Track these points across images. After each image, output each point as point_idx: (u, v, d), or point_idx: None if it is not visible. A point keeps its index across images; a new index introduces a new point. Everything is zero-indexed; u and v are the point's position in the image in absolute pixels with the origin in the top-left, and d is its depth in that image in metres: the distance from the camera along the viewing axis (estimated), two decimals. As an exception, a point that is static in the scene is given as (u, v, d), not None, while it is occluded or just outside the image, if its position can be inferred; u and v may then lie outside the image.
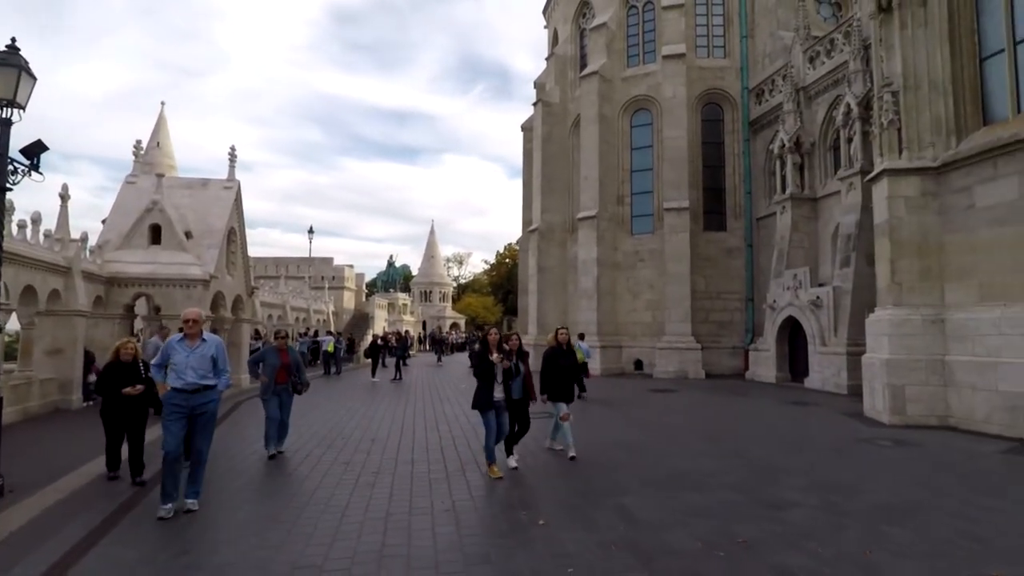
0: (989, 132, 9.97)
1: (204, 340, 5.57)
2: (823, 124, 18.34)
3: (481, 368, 6.72)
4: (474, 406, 6.82)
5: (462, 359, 32.29)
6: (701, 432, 9.98)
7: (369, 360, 22.24)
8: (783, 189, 19.00)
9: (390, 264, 58.36)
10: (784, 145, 18.74)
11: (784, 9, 21.26)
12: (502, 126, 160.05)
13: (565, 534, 4.83)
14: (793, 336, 17.69)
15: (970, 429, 9.61)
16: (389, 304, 47.53)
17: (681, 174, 21.16)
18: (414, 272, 68.81)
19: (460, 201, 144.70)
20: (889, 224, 10.86)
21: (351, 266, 47.22)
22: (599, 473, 6.88)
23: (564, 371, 7.80)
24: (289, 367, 8.03)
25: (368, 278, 68.61)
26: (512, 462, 6.99)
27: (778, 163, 19.33)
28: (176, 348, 5.47)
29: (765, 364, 18.56)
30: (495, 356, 6.65)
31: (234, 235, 16.60)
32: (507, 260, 69.19)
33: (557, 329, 8.30)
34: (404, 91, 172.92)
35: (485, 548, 4.56)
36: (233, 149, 16.64)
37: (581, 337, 19.57)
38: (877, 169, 11.29)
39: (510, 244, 68.18)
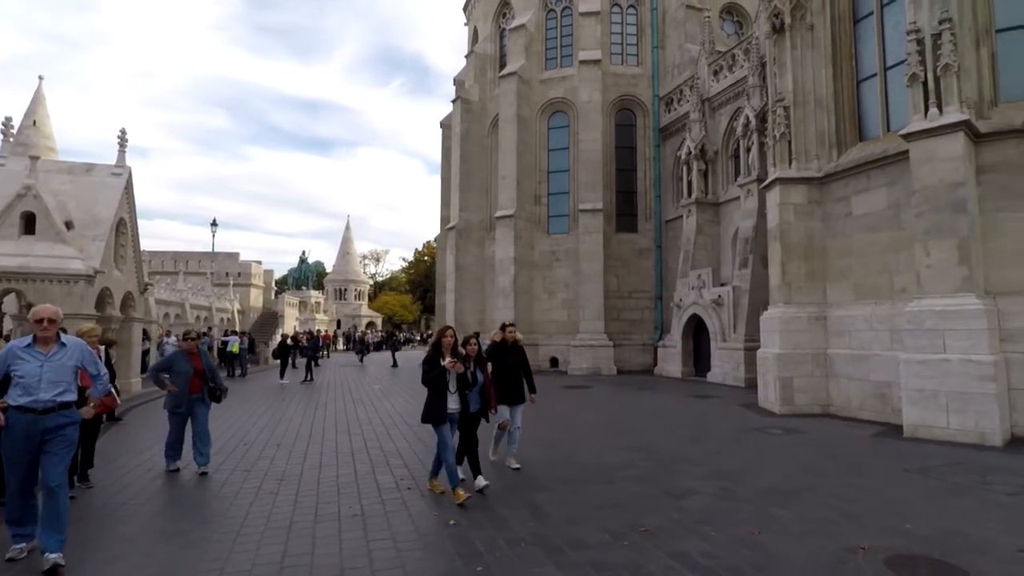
0: (864, 147, 11.00)
1: (63, 345, 4.42)
2: (725, 134, 19.51)
3: (431, 375, 5.75)
4: (424, 419, 5.90)
5: (379, 358, 31.60)
6: (611, 427, 10.33)
7: (278, 361, 21.26)
8: (689, 194, 20.04)
9: (302, 260, 55.97)
10: (690, 152, 19.78)
11: (692, 23, 22.40)
12: (421, 121, 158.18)
13: (476, 533, 4.85)
14: (698, 333, 18.71)
15: (847, 416, 10.57)
16: (300, 302, 45.68)
17: (596, 176, 21.80)
18: (328, 269, 66.56)
19: (377, 196, 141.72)
20: (780, 229, 11.72)
21: (259, 262, 45.00)
22: (511, 471, 6.95)
23: (511, 369, 7.09)
24: (203, 373, 7.12)
25: (278, 275, 65.79)
26: (480, 482, 6.03)
27: (685, 169, 20.36)
28: (22, 355, 4.26)
29: (672, 360, 19.50)
30: (447, 360, 5.73)
31: (124, 226, 15.30)
32: (425, 258, 68.42)
33: (504, 324, 7.47)
34: (318, 80, 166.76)
35: (393, 553, 4.48)
36: (123, 132, 15.35)
37: (477, 336, 20.09)
38: (771, 177, 12.16)
39: (429, 242, 67.51)
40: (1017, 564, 4.11)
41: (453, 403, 5.86)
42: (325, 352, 37.39)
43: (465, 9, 29.34)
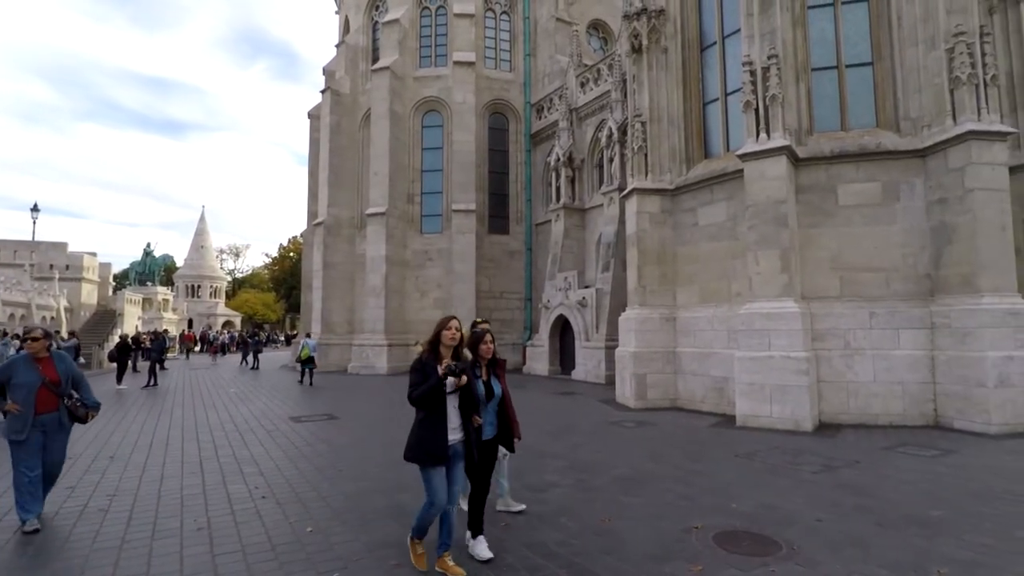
0: (708, 164, 12.19)
1: None
2: (591, 143, 20.62)
3: (424, 388, 3.95)
4: (410, 456, 4.01)
5: (236, 360, 29.32)
6: (479, 425, 10.47)
7: (115, 365, 18.97)
8: (557, 199, 20.90)
9: (147, 253, 50.37)
10: (559, 159, 20.65)
11: (561, 36, 23.43)
12: (288, 109, 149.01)
13: (336, 539, 4.71)
14: (564, 333, 19.56)
15: (692, 408, 11.63)
16: (145, 299, 41.21)
17: (469, 177, 22.02)
18: (179, 263, 60.63)
19: (238, 187, 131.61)
20: (637, 235, 12.62)
21: (93, 254, 39.75)
22: (375, 473, 6.81)
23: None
24: (59, 385, 5.24)
25: (119, 268, 58.85)
26: (482, 550, 4.29)
27: (554, 175, 21.22)
28: None
29: (540, 359, 20.20)
30: (443, 366, 3.97)
31: (-91, 208, 12.80)
32: (291, 254, 64.73)
33: (476, 321, 5.18)
34: (168, 56, 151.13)
35: (243, 566, 4.20)
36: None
37: (308, 335, 20.10)
38: (629, 187, 13.04)
39: (295, 237, 63.98)
40: (815, 531, 4.80)
41: (455, 431, 4.08)
42: (186, 354, 34.41)
43: (337, -4, 28.19)
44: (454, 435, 4.04)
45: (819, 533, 4.73)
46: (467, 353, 4.32)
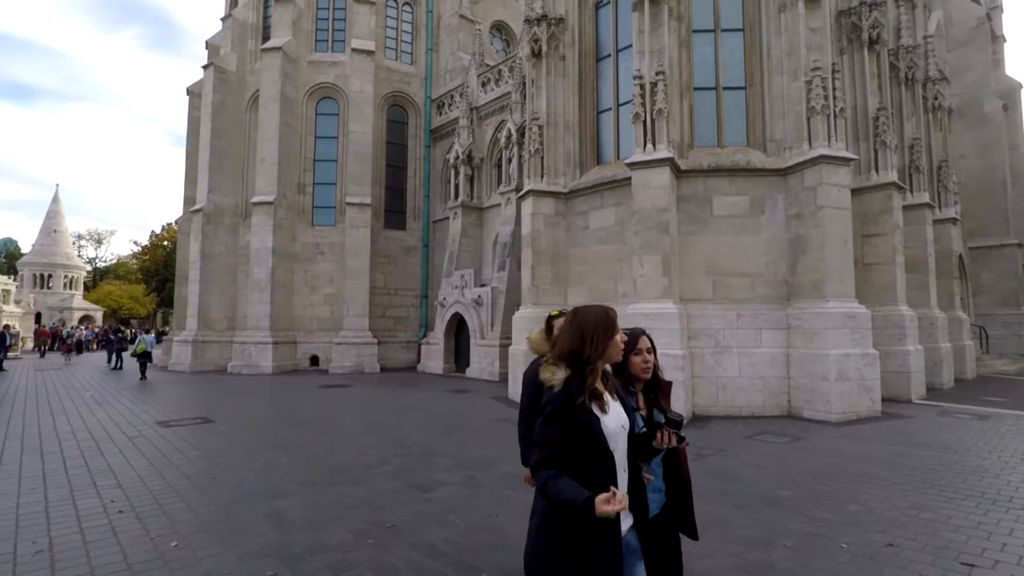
0: (600, 170, 12.71)
1: None
2: (491, 143, 20.76)
3: (570, 445, 2.10)
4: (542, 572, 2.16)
5: (94, 360, 26.41)
6: (367, 425, 10.22)
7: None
8: (456, 197, 20.85)
9: (-16, 236, 44.09)
10: (458, 157, 20.61)
11: (464, 33, 23.39)
12: (164, 83, 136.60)
13: (203, 552, 4.39)
14: (459, 331, 19.56)
15: (579, 404, 12.06)
16: (-20, 289, 36.04)
17: (365, 170, 21.36)
18: (25, 249, 53.60)
19: (101, 165, 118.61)
20: (531, 236, 12.91)
21: (-88, 235, 34.08)
22: (252, 478, 6.42)
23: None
24: None
25: (-55, 253, 51.05)
26: None
27: (453, 172, 21.14)
28: None
29: (435, 357, 20.07)
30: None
31: None
32: (165, 243, 59.40)
33: (552, 314, 3.41)
34: (13, 8, 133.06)
35: (91, 588, 3.81)
36: None
37: (147, 331, 19.20)
38: (525, 189, 13.29)
39: (169, 224, 58.84)
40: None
41: (628, 518, 2.30)
42: (41, 352, 30.78)
43: (224, -33, 26.23)
44: (627, 520, 2.29)
45: (687, 519, 5.10)
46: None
